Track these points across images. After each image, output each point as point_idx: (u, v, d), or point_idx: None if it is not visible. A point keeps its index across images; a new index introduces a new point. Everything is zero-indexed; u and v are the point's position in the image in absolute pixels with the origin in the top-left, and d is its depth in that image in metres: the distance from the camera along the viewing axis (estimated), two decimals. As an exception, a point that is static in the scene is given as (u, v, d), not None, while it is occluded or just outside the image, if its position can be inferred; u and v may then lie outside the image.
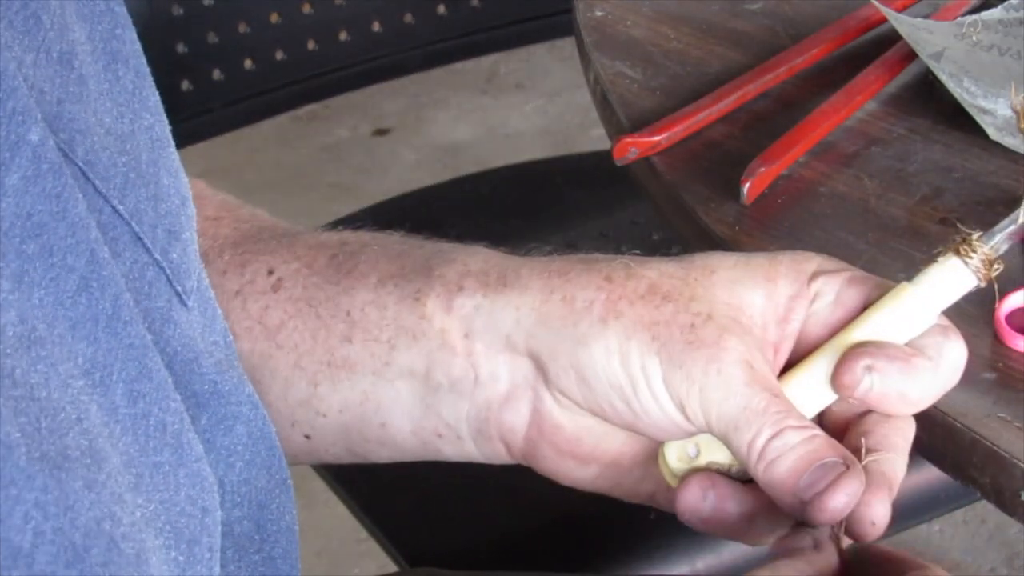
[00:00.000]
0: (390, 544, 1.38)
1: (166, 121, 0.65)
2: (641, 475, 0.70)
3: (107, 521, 0.50)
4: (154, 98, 0.64)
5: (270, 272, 0.72)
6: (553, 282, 0.68)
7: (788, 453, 0.63)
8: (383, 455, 0.73)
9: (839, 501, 0.62)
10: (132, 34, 0.63)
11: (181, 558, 0.56)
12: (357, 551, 2.17)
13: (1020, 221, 0.68)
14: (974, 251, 0.67)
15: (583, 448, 0.69)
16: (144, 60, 0.64)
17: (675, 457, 0.67)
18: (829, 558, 0.63)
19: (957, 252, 0.67)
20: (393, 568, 1.38)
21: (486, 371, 0.69)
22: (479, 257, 0.70)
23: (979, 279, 0.68)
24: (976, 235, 0.67)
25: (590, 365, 0.66)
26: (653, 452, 0.69)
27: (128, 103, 0.62)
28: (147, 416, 0.55)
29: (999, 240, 0.68)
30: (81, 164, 0.56)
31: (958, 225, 0.67)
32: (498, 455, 0.71)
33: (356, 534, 2.15)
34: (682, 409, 0.65)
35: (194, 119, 1.56)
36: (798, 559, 0.63)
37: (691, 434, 0.67)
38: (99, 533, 0.49)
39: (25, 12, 0.55)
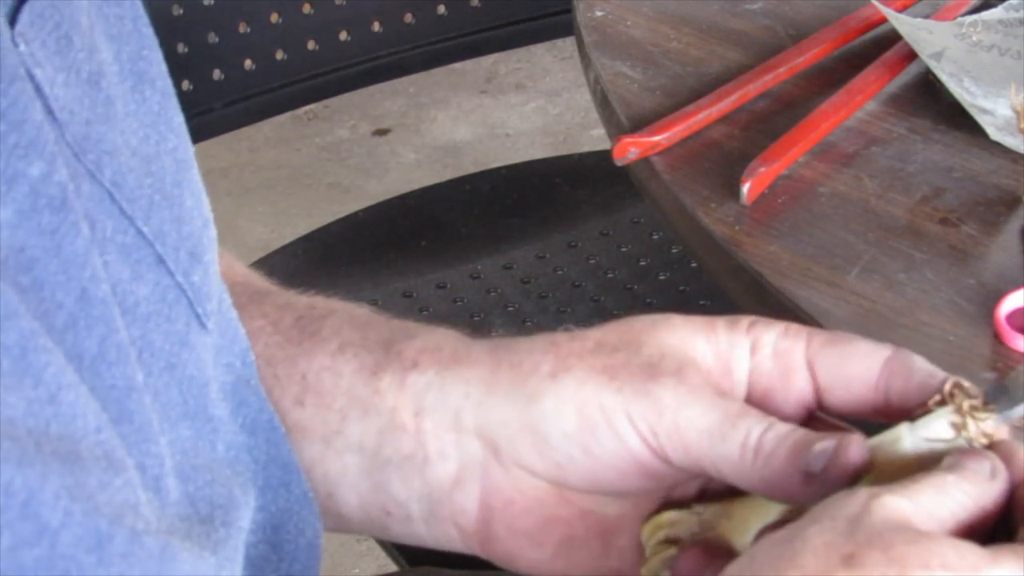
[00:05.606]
0: (390, 544, 1.38)
1: (190, 142, 0.65)
2: (600, 550, 0.68)
3: (130, 515, 0.50)
4: (178, 119, 0.64)
5: None
6: (500, 354, 0.68)
7: (783, 441, 0.62)
8: (327, 524, 0.72)
9: (853, 452, 0.61)
10: (158, 55, 0.63)
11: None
12: (357, 551, 2.18)
13: None
14: (975, 420, 0.62)
15: (535, 523, 0.68)
16: (170, 81, 0.64)
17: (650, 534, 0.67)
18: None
19: (959, 412, 0.62)
20: (393, 568, 1.38)
21: (434, 449, 0.68)
22: (437, 336, 0.70)
23: (965, 443, 0.61)
24: (985, 412, 0.60)
25: (542, 420, 0.65)
26: (608, 528, 0.68)
27: (154, 124, 0.62)
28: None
29: (1014, 414, 0.60)
30: (108, 185, 0.56)
31: (963, 386, 0.60)
32: (449, 539, 0.70)
33: (356, 534, 2.15)
34: (650, 440, 0.64)
35: (194, 119, 1.56)
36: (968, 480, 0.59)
37: (655, 474, 0.65)
38: (122, 524, 0.49)
39: (58, 32, 0.55)
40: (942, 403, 0.62)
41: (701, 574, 0.65)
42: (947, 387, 0.62)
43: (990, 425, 0.61)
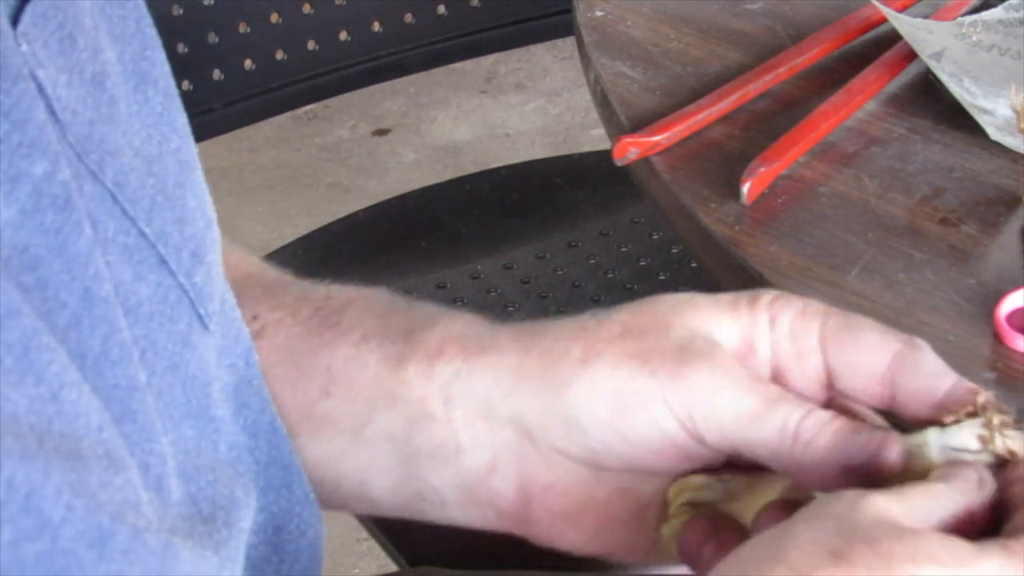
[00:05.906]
0: (390, 544, 1.38)
1: (193, 143, 0.65)
2: (637, 526, 0.69)
3: (131, 514, 0.50)
4: (181, 120, 0.64)
5: (254, 318, 0.71)
6: (527, 341, 0.67)
7: (824, 428, 0.62)
8: (361, 508, 0.72)
9: (894, 452, 0.61)
10: (162, 55, 0.63)
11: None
12: (357, 551, 2.18)
13: None
14: (1003, 436, 0.62)
15: (574, 505, 0.68)
16: (172, 82, 0.64)
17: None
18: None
19: (988, 426, 0.62)
20: (393, 568, 1.38)
21: (467, 439, 0.68)
22: (460, 323, 0.70)
23: (989, 457, 0.61)
24: (1014, 431, 0.60)
25: (575, 406, 0.65)
26: (645, 503, 0.68)
27: (156, 125, 0.62)
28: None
29: None
30: (111, 186, 0.56)
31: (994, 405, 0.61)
32: (487, 520, 0.70)
33: (356, 534, 2.15)
34: (687, 424, 0.64)
35: (194, 119, 1.56)
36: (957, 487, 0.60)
37: (690, 455, 0.65)
38: (123, 521, 0.50)
39: (61, 33, 0.55)
40: (973, 415, 0.62)
41: (703, 545, 0.65)
42: (980, 400, 0.62)
43: (1017, 443, 0.61)
